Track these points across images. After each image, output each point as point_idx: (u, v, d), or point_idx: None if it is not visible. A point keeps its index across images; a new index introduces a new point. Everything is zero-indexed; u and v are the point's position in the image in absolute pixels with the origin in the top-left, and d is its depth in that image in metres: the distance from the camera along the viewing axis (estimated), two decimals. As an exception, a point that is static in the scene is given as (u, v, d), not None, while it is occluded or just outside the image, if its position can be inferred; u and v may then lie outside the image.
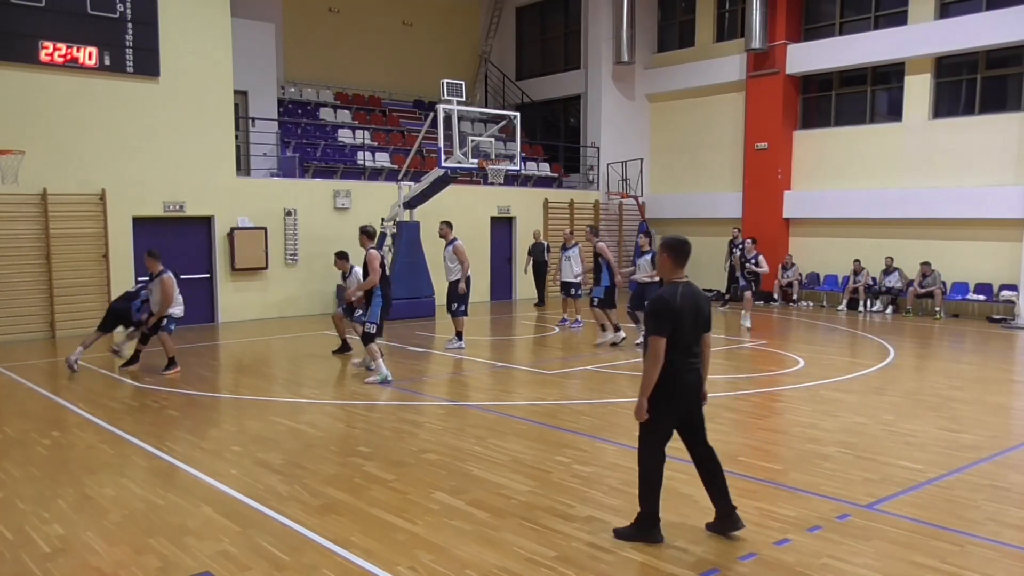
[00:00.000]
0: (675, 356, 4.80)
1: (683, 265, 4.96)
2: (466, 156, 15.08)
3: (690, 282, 4.95)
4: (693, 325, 4.85)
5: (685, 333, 4.81)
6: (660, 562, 4.66)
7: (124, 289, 14.66)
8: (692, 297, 4.87)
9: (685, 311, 4.79)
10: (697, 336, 4.91)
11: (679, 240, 5.00)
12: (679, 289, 4.85)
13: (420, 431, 7.68)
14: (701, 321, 4.92)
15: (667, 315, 4.76)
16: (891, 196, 17.83)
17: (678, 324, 4.77)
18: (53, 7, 13.62)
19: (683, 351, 4.83)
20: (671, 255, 4.96)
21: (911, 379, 10.53)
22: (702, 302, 4.94)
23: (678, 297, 4.80)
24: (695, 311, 4.86)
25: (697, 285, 5.04)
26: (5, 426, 7.93)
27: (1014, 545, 4.95)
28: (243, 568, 4.60)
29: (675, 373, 4.82)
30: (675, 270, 4.96)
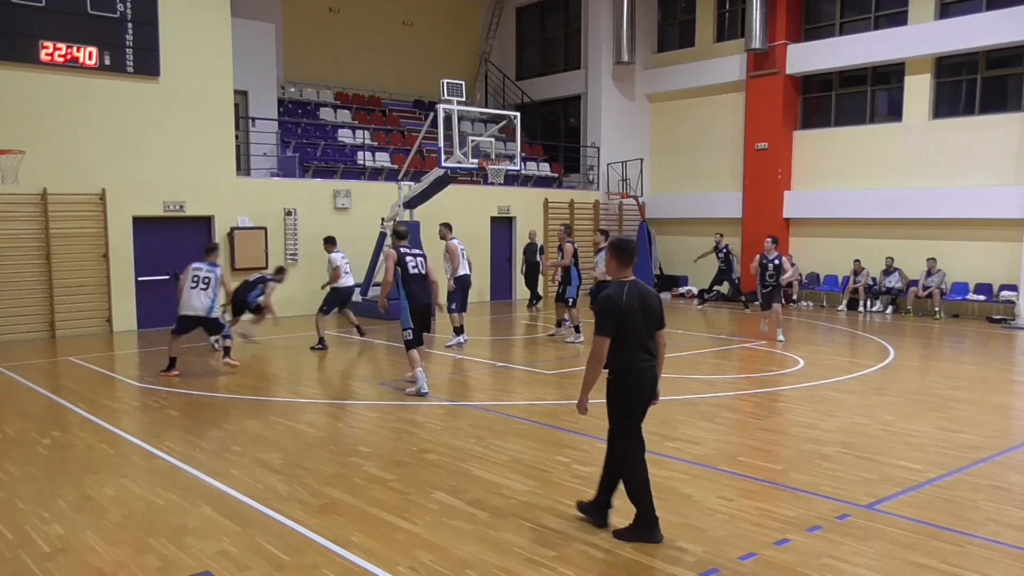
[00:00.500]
0: (630, 355, 4.88)
1: (628, 265, 5.03)
2: (466, 156, 15.08)
3: (637, 281, 5.01)
4: (644, 323, 4.92)
5: (637, 331, 4.88)
6: (660, 562, 4.66)
7: (124, 289, 14.77)
8: (639, 296, 4.92)
9: (633, 310, 4.86)
10: (650, 334, 4.98)
11: (624, 241, 5.12)
12: (625, 288, 4.91)
13: (420, 431, 7.68)
14: (652, 319, 4.98)
15: (612, 315, 4.84)
16: (891, 196, 17.83)
17: (627, 323, 4.84)
18: (53, 7, 13.62)
19: (637, 349, 4.90)
20: (616, 255, 5.04)
21: (911, 379, 10.53)
22: (651, 300, 5.00)
23: (624, 296, 4.86)
24: (644, 309, 4.92)
25: (646, 284, 5.12)
26: (5, 426, 7.93)
27: (1014, 545, 4.95)
28: (243, 568, 4.60)
29: (633, 372, 4.90)
30: (621, 270, 5.03)
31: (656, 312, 5.00)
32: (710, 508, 5.56)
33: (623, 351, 4.86)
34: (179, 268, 15.43)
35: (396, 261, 9.19)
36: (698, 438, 7.38)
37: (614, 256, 5.05)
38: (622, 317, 4.83)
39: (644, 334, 4.91)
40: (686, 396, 9.23)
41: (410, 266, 9.24)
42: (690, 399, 9.07)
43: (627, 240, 5.15)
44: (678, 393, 9.42)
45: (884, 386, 9.86)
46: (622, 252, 5.03)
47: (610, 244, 5.15)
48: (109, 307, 14.62)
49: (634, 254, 5.08)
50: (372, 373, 11.13)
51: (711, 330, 15.40)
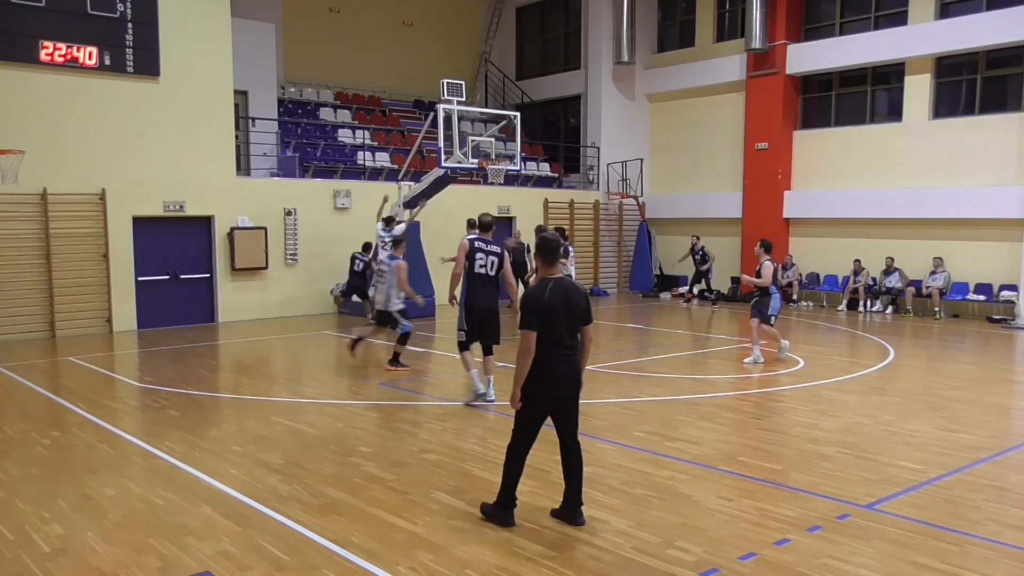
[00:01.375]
0: (546, 349, 5.06)
1: (552, 263, 5.23)
2: (466, 156, 15.07)
3: (562, 278, 5.18)
4: (566, 319, 5.10)
5: (556, 327, 5.07)
6: (660, 562, 4.66)
7: (124, 289, 14.77)
8: (562, 293, 5.11)
9: (554, 306, 5.05)
10: (572, 330, 5.15)
11: (546, 239, 5.27)
12: (548, 286, 5.11)
13: (420, 431, 7.68)
14: (576, 315, 5.15)
15: (535, 311, 5.04)
16: (891, 196, 17.83)
17: (548, 319, 5.04)
18: (53, 7, 13.62)
19: (554, 344, 5.08)
20: (539, 254, 5.28)
21: (911, 379, 10.53)
22: (575, 297, 5.16)
23: (546, 293, 5.07)
24: (566, 306, 5.10)
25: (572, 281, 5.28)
26: (5, 426, 7.93)
27: (1014, 545, 4.95)
28: (243, 568, 4.61)
29: (546, 365, 5.07)
30: (545, 268, 5.24)
31: (580, 308, 5.16)
32: (710, 508, 5.56)
33: (541, 345, 5.05)
34: (179, 268, 15.55)
35: (467, 253, 8.41)
36: (698, 438, 7.38)
37: (539, 255, 5.29)
38: (543, 313, 5.03)
39: (564, 330, 5.09)
40: (686, 396, 9.24)
41: (477, 264, 8.45)
42: (690, 399, 9.07)
43: (548, 239, 5.28)
44: (678, 393, 9.42)
45: (884, 386, 9.86)
46: (544, 251, 5.25)
47: (535, 244, 5.31)
48: (109, 307, 14.62)
49: (555, 251, 5.25)
50: (372, 373, 11.13)
51: (711, 330, 15.40)
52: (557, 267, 5.24)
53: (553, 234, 5.36)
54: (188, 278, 15.75)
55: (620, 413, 8.39)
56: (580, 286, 5.32)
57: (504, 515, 5.22)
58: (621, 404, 8.82)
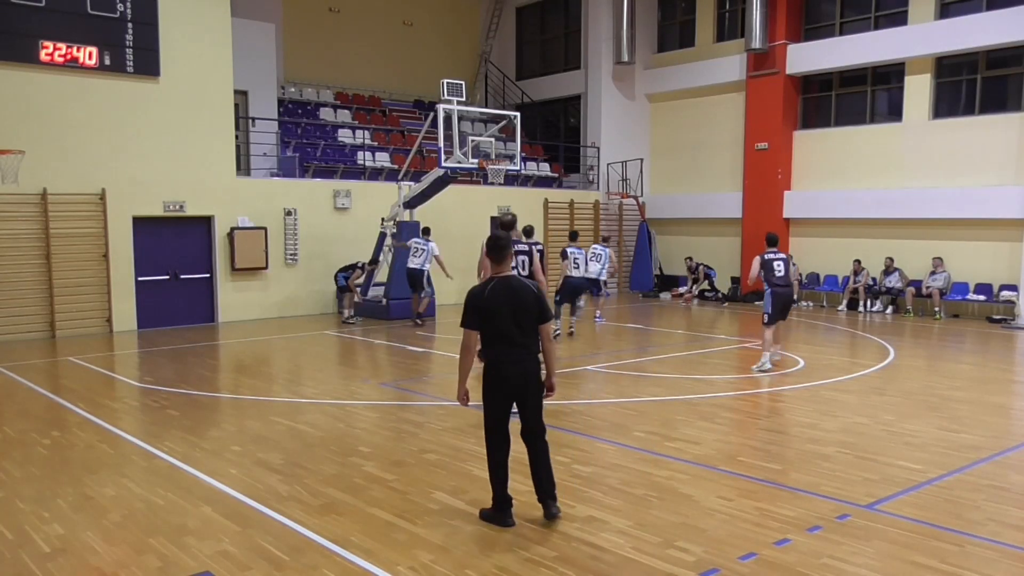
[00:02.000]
0: (494, 348, 5.09)
1: (499, 262, 5.21)
2: (466, 156, 15.08)
3: (509, 277, 5.17)
4: (512, 318, 5.06)
5: (501, 326, 5.05)
6: (660, 562, 4.66)
7: (124, 289, 14.77)
8: (507, 291, 5.08)
9: (496, 306, 5.04)
10: (523, 329, 5.09)
11: (493, 239, 5.27)
12: (490, 285, 5.11)
13: (420, 431, 7.68)
14: (524, 314, 5.09)
15: (472, 310, 5.08)
16: (891, 196, 17.82)
17: (490, 318, 5.04)
18: (53, 7, 13.61)
19: (503, 343, 5.08)
20: (489, 253, 5.27)
21: (911, 379, 10.53)
22: (522, 295, 5.11)
23: (486, 292, 5.07)
24: (511, 305, 5.06)
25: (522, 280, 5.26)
26: (5, 426, 7.93)
27: (1014, 545, 4.95)
28: (243, 568, 4.61)
29: (495, 364, 5.12)
30: (494, 266, 5.25)
31: (527, 306, 5.10)
32: (710, 508, 5.56)
33: (487, 344, 5.11)
34: (179, 268, 15.55)
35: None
36: (698, 438, 7.38)
37: (487, 255, 5.29)
38: (483, 312, 5.04)
39: (512, 329, 5.06)
40: (686, 396, 9.24)
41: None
42: (690, 399, 9.07)
43: (495, 238, 5.27)
44: (678, 393, 9.42)
45: (884, 386, 9.86)
46: (491, 250, 5.26)
47: (486, 242, 5.33)
48: (109, 307, 14.62)
49: (502, 249, 5.21)
50: (372, 373, 11.13)
51: (710, 330, 15.40)
52: (507, 266, 5.23)
53: (505, 233, 5.38)
54: (188, 278, 15.76)
55: (620, 413, 8.39)
56: (531, 284, 5.26)
57: (501, 516, 5.23)
58: (621, 404, 8.82)
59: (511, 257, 5.33)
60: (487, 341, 5.11)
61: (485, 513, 5.35)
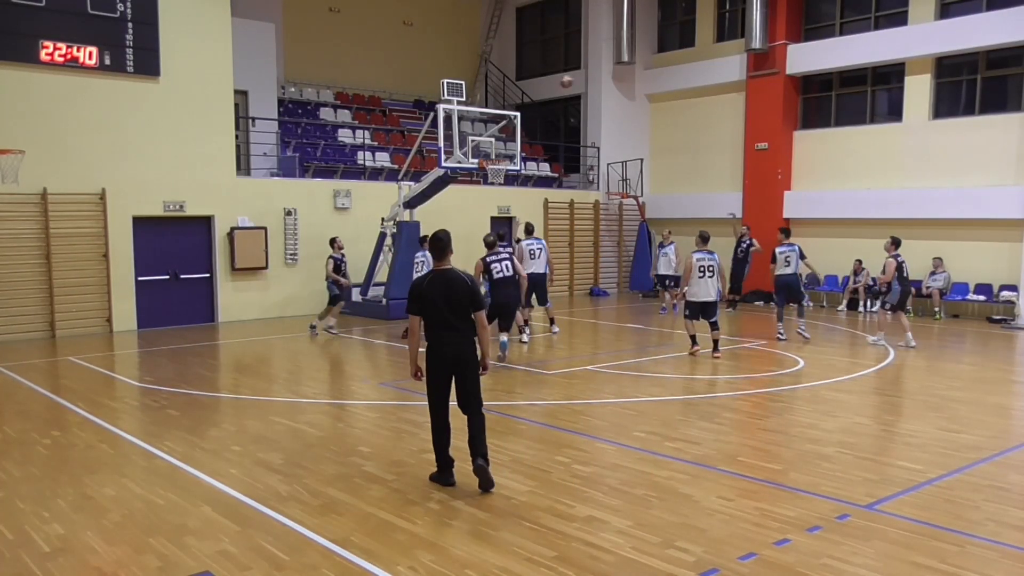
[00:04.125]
0: (432, 332, 5.89)
1: (440, 257, 5.95)
2: (466, 156, 15.07)
3: (446, 270, 5.91)
4: (446, 306, 5.81)
5: (438, 313, 5.82)
6: (660, 562, 4.66)
7: (124, 289, 14.77)
8: (443, 283, 5.85)
9: (432, 295, 5.81)
10: (459, 315, 5.85)
11: (437, 237, 6.00)
12: (428, 277, 5.92)
13: (420, 431, 7.67)
14: (457, 302, 5.83)
15: (413, 298, 5.92)
16: (891, 196, 17.82)
17: (427, 305, 5.83)
18: (53, 7, 13.61)
19: (439, 327, 5.86)
20: (430, 249, 6.08)
21: (911, 379, 10.53)
22: (455, 286, 5.85)
23: (425, 283, 5.88)
24: (446, 295, 5.81)
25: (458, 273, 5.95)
26: (5, 426, 7.93)
27: (1014, 545, 4.95)
28: (243, 568, 4.61)
29: (432, 346, 5.90)
30: (435, 261, 6.00)
31: (459, 295, 5.83)
32: (710, 508, 5.56)
33: (427, 328, 5.90)
34: (179, 268, 15.54)
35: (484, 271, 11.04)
36: (698, 438, 7.38)
37: (430, 249, 6.07)
38: (421, 300, 5.84)
39: (447, 315, 5.81)
40: (686, 396, 9.24)
41: (495, 272, 11.03)
42: (690, 399, 9.07)
43: (436, 235, 5.99)
44: (678, 393, 9.42)
45: (884, 386, 9.86)
46: (433, 247, 5.99)
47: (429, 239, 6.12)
48: (109, 307, 14.62)
49: (441, 245, 5.95)
50: (372, 373, 11.13)
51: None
52: (447, 260, 5.94)
53: (444, 232, 6.02)
54: (188, 278, 15.75)
55: (620, 413, 8.39)
56: (465, 276, 5.92)
57: (444, 476, 6.01)
58: (621, 404, 8.82)
59: (450, 255, 6.00)
60: (427, 326, 5.88)
61: (433, 476, 6.10)
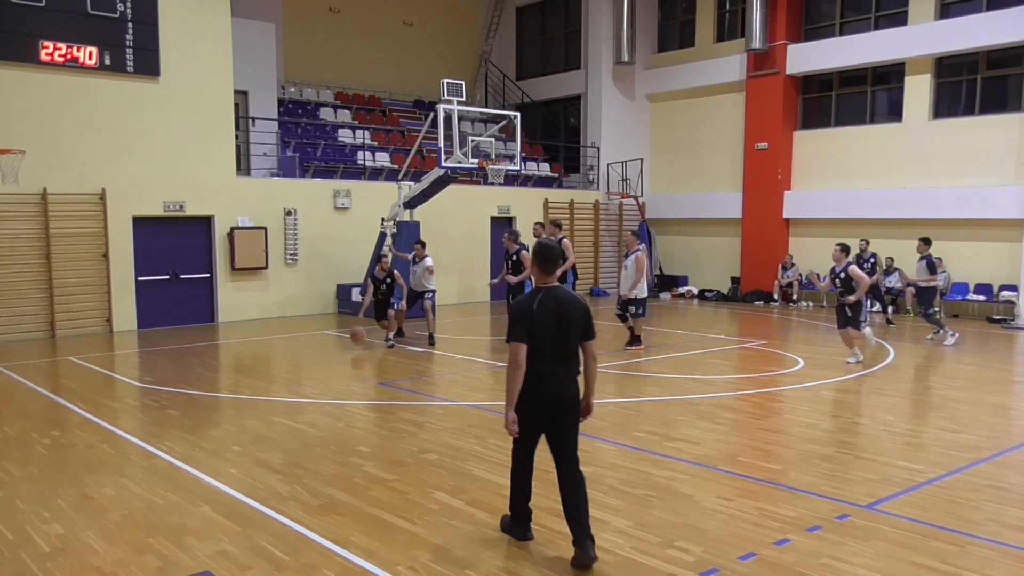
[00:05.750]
0: (536, 364, 4.63)
1: (549, 272, 4.79)
2: (466, 156, 15.08)
3: (555, 287, 4.76)
4: (557, 333, 4.65)
5: (546, 341, 4.63)
6: (660, 562, 4.66)
7: (124, 289, 14.77)
8: (554, 303, 4.67)
9: (542, 318, 4.63)
10: (567, 345, 4.70)
11: (546, 246, 4.87)
12: (538, 296, 4.69)
13: (420, 431, 7.68)
14: (570, 329, 4.69)
15: (520, 322, 4.64)
16: (891, 196, 17.83)
17: (536, 332, 4.62)
18: (53, 7, 13.61)
19: (545, 360, 4.65)
20: (535, 261, 4.84)
21: (911, 379, 10.53)
22: (570, 309, 4.70)
23: (535, 304, 4.66)
24: (558, 319, 4.66)
25: (569, 292, 4.82)
26: (5, 426, 7.93)
27: (1014, 545, 4.95)
28: (243, 568, 4.61)
29: (535, 381, 4.65)
30: (541, 276, 4.80)
31: (575, 321, 4.71)
32: (710, 508, 5.56)
33: (531, 359, 4.65)
34: (179, 268, 15.55)
35: None
36: (698, 438, 7.38)
37: (535, 262, 4.84)
38: (529, 325, 4.62)
39: (556, 345, 4.66)
40: (686, 396, 9.23)
41: None
42: (690, 399, 9.07)
43: (546, 246, 4.87)
44: (678, 393, 9.42)
45: (884, 386, 9.86)
46: (541, 258, 4.81)
47: (532, 250, 4.94)
48: (109, 307, 14.62)
49: (552, 260, 4.80)
50: (372, 373, 11.13)
51: (710, 330, 15.39)
52: (554, 276, 4.82)
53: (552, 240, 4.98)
54: (188, 278, 15.76)
55: (620, 413, 8.39)
56: (579, 297, 4.88)
57: (518, 530, 5.03)
58: (621, 404, 8.82)
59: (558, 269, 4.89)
60: (529, 356, 4.65)
61: (506, 523, 5.14)
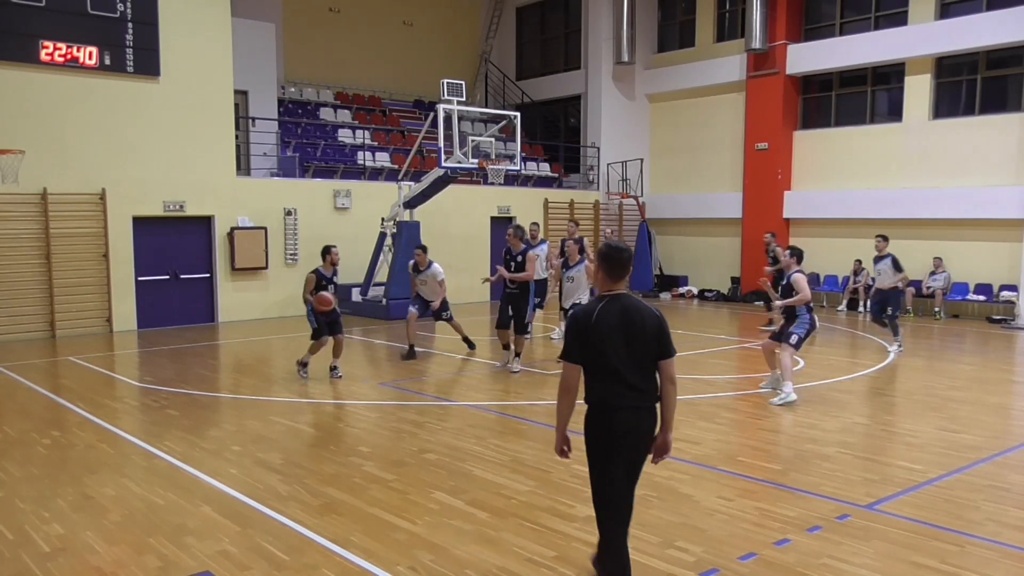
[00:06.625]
0: (600, 385, 3.90)
1: (617, 278, 4.04)
2: (466, 156, 15.09)
3: (622, 295, 3.98)
4: (625, 349, 3.87)
5: (611, 359, 3.86)
6: (660, 562, 4.66)
7: (124, 289, 14.77)
8: (619, 314, 3.90)
9: (605, 331, 3.87)
10: (638, 364, 3.90)
11: (612, 248, 4.10)
12: (600, 305, 3.93)
13: (420, 431, 7.68)
14: (640, 345, 3.90)
15: (577, 336, 3.92)
16: (891, 196, 17.83)
17: (597, 348, 3.87)
18: (53, 7, 13.61)
19: (611, 381, 3.88)
20: (601, 264, 4.09)
21: (911, 379, 10.53)
22: (638, 320, 3.90)
23: (595, 314, 3.89)
24: (624, 332, 3.88)
25: (640, 301, 4.02)
26: (5, 426, 7.93)
27: (1014, 545, 4.95)
28: (243, 568, 4.61)
29: (596, 411, 3.92)
30: (607, 282, 4.04)
31: (648, 336, 3.90)
32: (710, 508, 5.56)
33: (592, 380, 3.92)
34: (179, 268, 15.55)
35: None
36: (698, 438, 7.37)
37: (601, 266, 4.09)
38: (586, 340, 3.89)
39: (624, 363, 3.87)
40: (686, 396, 9.23)
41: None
42: (690, 399, 9.07)
43: (617, 247, 4.10)
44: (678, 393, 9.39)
45: (884, 386, 9.86)
46: (609, 262, 4.05)
47: (598, 252, 4.21)
48: (109, 307, 14.62)
49: (622, 263, 4.06)
50: (372, 373, 11.13)
51: (710, 330, 15.39)
52: (623, 283, 4.05)
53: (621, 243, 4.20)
54: (188, 278, 15.76)
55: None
56: (652, 307, 4.01)
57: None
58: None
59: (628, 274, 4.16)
60: (590, 375, 3.91)
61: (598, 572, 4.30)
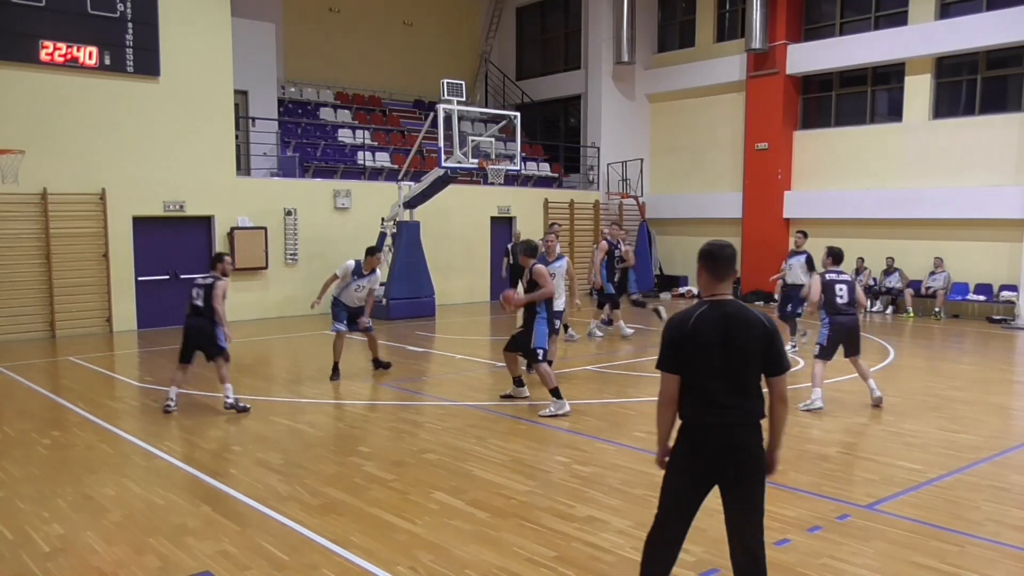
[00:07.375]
0: (694, 399, 3.61)
1: (721, 278, 3.66)
2: (466, 156, 15.09)
3: (725, 302, 3.62)
4: (723, 360, 3.54)
5: (707, 370, 3.56)
6: (660, 562, 4.66)
7: (124, 289, 14.75)
8: (721, 322, 3.56)
9: (703, 340, 3.55)
10: (739, 377, 3.57)
11: (716, 245, 3.71)
12: (700, 311, 3.60)
13: (420, 431, 7.68)
14: (744, 356, 3.56)
15: (670, 343, 3.63)
16: (891, 196, 17.83)
17: (691, 357, 3.57)
18: (53, 7, 13.61)
19: (705, 396, 3.58)
20: (703, 264, 3.71)
21: (911, 379, 10.53)
22: (743, 330, 3.56)
23: (691, 321, 3.57)
24: (725, 341, 3.54)
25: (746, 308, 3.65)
26: (5, 426, 7.93)
27: (1014, 545, 4.95)
28: (243, 568, 4.60)
29: (690, 425, 3.64)
30: (710, 284, 3.68)
31: (754, 347, 3.56)
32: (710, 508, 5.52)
33: (685, 394, 3.64)
34: (179, 268, 15.54)
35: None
36: (698, 438, 7.36)
37: (702, 266, 3.71)
38: (680, 349, 3.59)
39: (721, 374, 3.55)
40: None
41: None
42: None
43: (721, 245, 3.71)
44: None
45: (884, 386, 9.84)
46: (713, 261, 3.67)
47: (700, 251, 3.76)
48: (109, 307, 14.62)
49: (726, 264, 3.67)
50: (372, 373, 11.12)
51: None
52: (727, 285, 3.67)
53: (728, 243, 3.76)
54: (188, 278, 15.72)
55: (620, 413, 8.39)
56: (762, 316, 3.62)
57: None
58: (621, 404, 8.82)
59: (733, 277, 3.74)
60: (685, 390, 3.63)
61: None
